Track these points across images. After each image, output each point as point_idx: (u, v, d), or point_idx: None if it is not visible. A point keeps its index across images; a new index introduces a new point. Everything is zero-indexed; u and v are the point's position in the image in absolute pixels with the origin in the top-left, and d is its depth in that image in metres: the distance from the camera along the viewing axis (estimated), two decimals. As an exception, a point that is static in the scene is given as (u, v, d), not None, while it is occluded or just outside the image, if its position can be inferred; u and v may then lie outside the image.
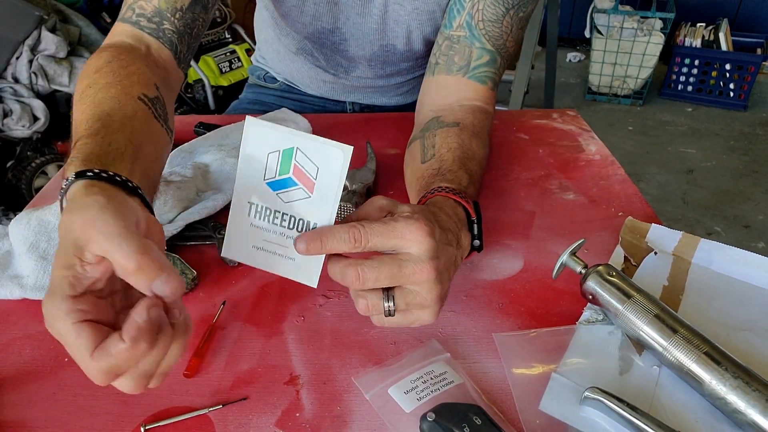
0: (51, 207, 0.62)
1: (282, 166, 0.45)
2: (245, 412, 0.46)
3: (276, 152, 0.45)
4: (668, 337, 0.47)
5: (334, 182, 0.44)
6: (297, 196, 0.46)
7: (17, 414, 0.47)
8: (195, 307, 0.58)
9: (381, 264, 0.44)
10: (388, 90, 1.01)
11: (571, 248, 0.54)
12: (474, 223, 0.54)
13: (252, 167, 0.46)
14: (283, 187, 0.46)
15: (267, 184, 0.46)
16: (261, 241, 0.47)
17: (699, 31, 3.24)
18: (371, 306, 0.45)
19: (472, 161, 0.64)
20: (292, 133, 0.44)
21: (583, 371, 0.49)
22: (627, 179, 0.79)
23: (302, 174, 0.45)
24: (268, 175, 0.46)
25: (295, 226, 0.46)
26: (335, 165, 0.44)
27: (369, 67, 0.93)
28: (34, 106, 2.03)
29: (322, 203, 0.45)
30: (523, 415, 0.46)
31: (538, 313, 0.56)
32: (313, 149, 0.44)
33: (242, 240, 0.47)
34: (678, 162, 2.68)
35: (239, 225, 0.47)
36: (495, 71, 0.75)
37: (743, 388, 0.43)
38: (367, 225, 0.44)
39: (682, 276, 0.60)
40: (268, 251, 0.47)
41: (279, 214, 0.46)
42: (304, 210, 0.46)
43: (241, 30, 2.71)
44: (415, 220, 0.44)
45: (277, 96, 1.10)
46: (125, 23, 0.67)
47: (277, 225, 0.46)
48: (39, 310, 0.56)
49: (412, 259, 0.44)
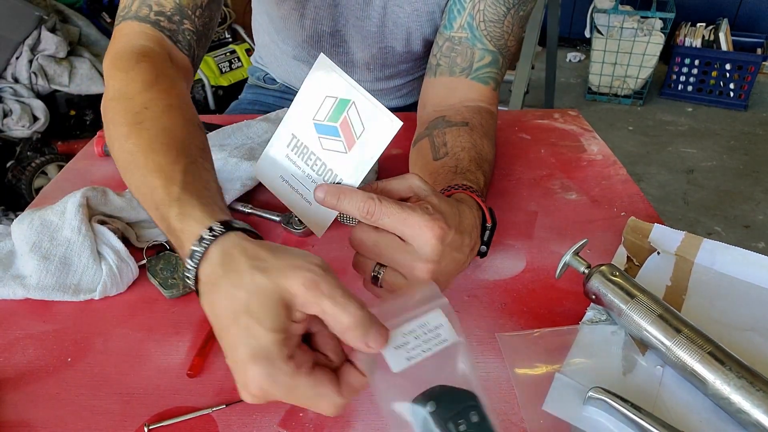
0: (53, 207, 0.62)
1: (333, 113, 0.46)
2: (249, 412, 0.46)
3: (333, 98, 0.46)
4: (672, 336, 0.47)
5: (374, 148, 0.45)
6: (336, 147, 0.46)
7: (20, 414, 0.47)
8: (197, 306, 0.57)
9: (391, 242, 0.44)
10: (387, 93, 1.01)
11: (574, 248, 0.54)
12: (487, 230, 0.54)
13: (308, 103, 0.47)
14: (327, 134, 0.46)
15: (314, 124, 0.47)
16: (289, 174, 0.49)
17: (699, 31, 3.24)
18: (361, 264, 0.47)
19: (486, 163, 0.64)
20: (356, 87, 0.45)
21: (586, 371, 0.49)
22: (629, 179, 0.79)
23: (348, 129, 0.46)
24: (318, 116, 0.47)
25: (323, 174, 0.47)
26: (381, 132, 0.44)
27: (368, 70, 0.93)
28: (34, 106, 2.02)
29: (355, 163, 0.46)
30: (527, 416, 0.46)
31: (541, 313, 0.56)
32: (367, 110, 0.45)
33: (274, 166, 0.49)
34: (678, 162, 2.68)
35: (276, 151, 0.49)
36: (497, 71, 0.75)
37: (747, 388, 0.43)
38: (384, 202, 0.43)
39: (685, 276, 0.60)
40: (291, 186, 0.49)
41: (314, 157, 0.47)
42: (336, 163, 0.46)
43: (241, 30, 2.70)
44: (431, 219, 0.44)
45: (277, 97, 1.10)
46: (142, 22, 0.60)
47: (308, 166, 0.48)
48: (42, 310, 0.57)
49: (412, 252, 0.44)
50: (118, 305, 0.58)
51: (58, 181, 0.81)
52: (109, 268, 0.58)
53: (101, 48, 2.27)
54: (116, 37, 0.61)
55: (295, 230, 0.67)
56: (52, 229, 0.60)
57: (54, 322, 0.56)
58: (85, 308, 0.57)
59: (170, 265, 0.60)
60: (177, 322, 0.56)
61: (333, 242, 0.66)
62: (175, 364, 0.51)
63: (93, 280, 0.58)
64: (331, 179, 0.46)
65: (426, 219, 0.44)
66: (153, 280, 0.59)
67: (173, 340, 0.53)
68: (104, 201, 0.63)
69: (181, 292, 0.58)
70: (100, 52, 2.25)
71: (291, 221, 0.67)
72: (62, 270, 0.57)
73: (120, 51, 0.58)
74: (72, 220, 0.59)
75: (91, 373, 0.50)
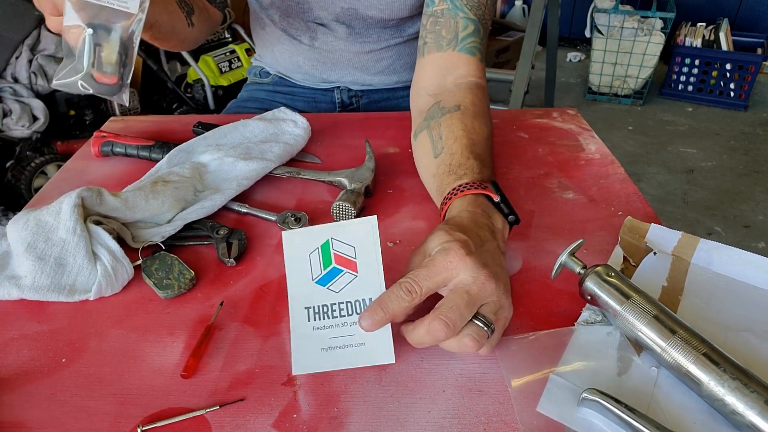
0: (48, 207, 0.62)
1: (324, 260, 0.49)
2: (242, 413, 0.46)
3: (315, 250, 0.50)
4: (667, 338, 0.47)
5: (372, 252, 0.49)
6: (346, 280, 0.49)
7: (15, 414, 0.47)
8: (192, 307, 0.57)
9: (453, 301, 0.46)
10: (367, 65, 1.04)
11: (570, 248, 0.54)
12: (498, 204, 0.58)
13: (299, 274, 0.50)
14: (332, 278, 0.49)
15: (317, 283, 0.49)
16: (327, 340, 0.48)
17: (699, 31, 3.24)
18: (478, 337, 0.46)
19: (478, 145, 0.66)
20: (322, 227, 0.50)
21: (581, 373, 0.49)
22: (627, 178, 0.79)
23: (343, 259, 0.49)
24: (314, 274, 0.49)
25: (353, 310, 0.49)
26: (368, 237, 0.49)
27: (337, 31, 0.98)
28: (34, 106, 2.03)
29: (369, 275, 0.49)
30: (521, 417, 0.45)
31: (537, 314, 0.56)
32: (344, 233, 0.49)
33: (310, 349, 0.48)
34: (678, 162, 2.68)
35: (303, 335, 0.48)
36: (480, 41, 0.78)
37: (742, 390, 0.43)
38: (413, 274, 0.47)
39: (681, 276, 0.60)
40: (336, 347, 0.48)
41: (336, 306, 0.49)
42: (356, 290, 0.49)
43: (240, 30, 2.71)
44: (448, 249, 0.47)
45: (270, 91, 1.13)
46: None
47: (338, 317, 0.48)
48: (36, 311, 0.57)
49: (467, 282, 0.47)
50: (113, 306, 0.58)
51: (54, 181, 0.81)
52: (104, 269, 0.58)
53: (101, 48, 2.27)
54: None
55: (291, 230, 0.66)
56: (47, 229, 0.60)
57: (49, 323, 0.56)
58: (80, 309, 0.57)
59: (165, 266, 0.60)
60: (172, 322, 0.56)
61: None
62: (169, 364, 0.51)
63: (88, 281, 0.58)
64: (362, 306, 0.48)
65: (446, 253, 0.47)
66: (148, 281, 0.59)
67: (168, 341, 0.53)
68: (99, 201, 0.63)
69: (176, 293, 0.58)
70: (99, 52, 2.24)
71: (287, 221, 0.67)
72: (57, 270, 0.57)
73: None
74: (67, 220, 0.59)
75: (85, 373, 0.50)
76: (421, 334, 0.45)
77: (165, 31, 0.75)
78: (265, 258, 0.64)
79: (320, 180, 0.78)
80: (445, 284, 0.47)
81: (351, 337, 0.48)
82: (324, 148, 0.88)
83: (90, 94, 0.60)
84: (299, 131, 0.85)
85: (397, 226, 0.69)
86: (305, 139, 0.85)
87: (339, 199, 0.69)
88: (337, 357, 0.48)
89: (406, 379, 0.49)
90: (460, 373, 0.50)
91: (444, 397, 0.47)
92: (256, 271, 0.62)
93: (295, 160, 0.83)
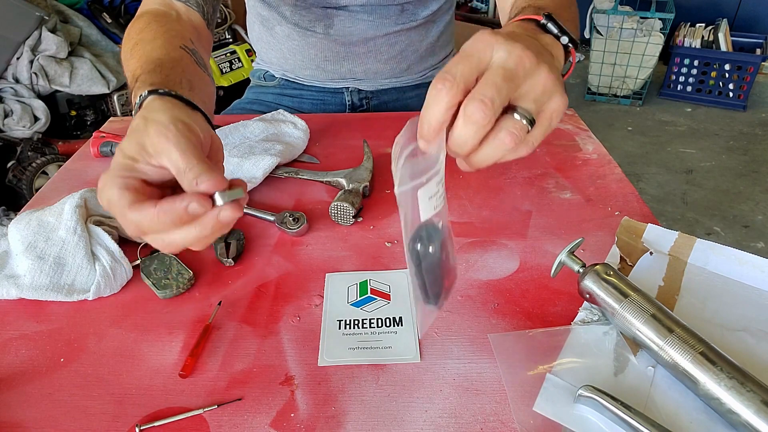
0: (51, 207, 0.62)
1: (361, 291, 0.59)
2: (240, 413, 0.47)
3: (354, 284, 0.60)
4: (664, 336, 0.47)
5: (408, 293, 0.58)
6: (378, 305, 0.57)
7: (13, 414, 0.47)
8: (190, 307, 0.58)
9: (487, 78, 0.39)
10: (380, 50, 1.03)
11: (570, 247, 0.54)
12: (552, 32, 0.49)
13: (336, 299, 0.58)
14: (366, 303, 0.58)
15: (351, 305, 0.58)
16: (355, 342, 0.53)
17: (698, 32, 3.24)
18: (516, 131, 0.40)
19: (548, 6, 0.57)
20: (361, 274, 0.61)
21: (577, 372, 0.49)
22: (624, 178, 0.79)
23: (379, 292, 0.59)
24: (350, 299, 0.58)
25: (382, 324, 0.55)
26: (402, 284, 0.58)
27: (357, 13, 0.97)
28: (35, 107, 2.03)
29: (400, 304, 0.57)
30: (518, 416, 0.46)
31: (534, 314, 0.56)
32: (381, 277, 0.60)
33: (337, 348, 0.53)
34: (677, 162, 2.68)
35: (332, 337, 0.54)
36: None
37: (738, 389, 0.43)
38: (444, 68, 0.40)
39: (677, 276, 0.60)
40: (363, 348, 0.53)
41: (366, 321, 0.56)
42: (387, 311, 0.56)
43: (241, 30, 2.71)
44: (476, 36, 0.41)
45: (276, 93, 1.12)
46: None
47: (367, 327, 0.55)
48: (35, 310, 0.57)
49: (502, 57, 0.40)
50: (111, 306, 0.58)
51: (54, 182, 0.81)
52: (102, 269, 0.58)
53: (102, 48, 2.27)
54: (139, 8, 0.73)
55: (290, 230, 0.67)
56: (48, 229, 0.60)
57: (47, 323, 0.56)
58: (78, 309, 0.58)
59: (164, 266, 0.60)
60: (170, 322, 0.56)
61: (330, 242, 0.67)
62: (167, 364, 0.51)
63: (87, 281, 0.58)
64: (391, 322, 0.55)
65: (474, 37, 0.41)
66: (146, 281, 0.59)
67: (166, 341, 0.54)
68: (99, 202, 0.63)
69: (175, 293, 0.58)
70: (100, 52, 2.25)
71: (285, 221, 0.68)
72: (56, 270, 0.58)
73: (136, 15, 0.71)
74: (68, 220, 0.60)
75: (84, 373, 0.51)
76: (459, 126, 0.39)
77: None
78: (263, 258, 0.64)
79: (318, 180, 0.78)
80: (479, 69, 0.40)
81: (379, 342, 0.53)
82: (322, 149, 0.88)
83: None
84: (299, 133, 0.85)
85: (394, 226, 0.69)
86: (305, 141, 0.85)
87: (337, 199, 0.69)
88: (364, 353, 0.52)
89: (404, 378, 0.49)
90: (457, 373, 0.50)
91: (441, 397, 0.48)
92: (254, 271, 0.63)
93: (293, 160, 0.83)
